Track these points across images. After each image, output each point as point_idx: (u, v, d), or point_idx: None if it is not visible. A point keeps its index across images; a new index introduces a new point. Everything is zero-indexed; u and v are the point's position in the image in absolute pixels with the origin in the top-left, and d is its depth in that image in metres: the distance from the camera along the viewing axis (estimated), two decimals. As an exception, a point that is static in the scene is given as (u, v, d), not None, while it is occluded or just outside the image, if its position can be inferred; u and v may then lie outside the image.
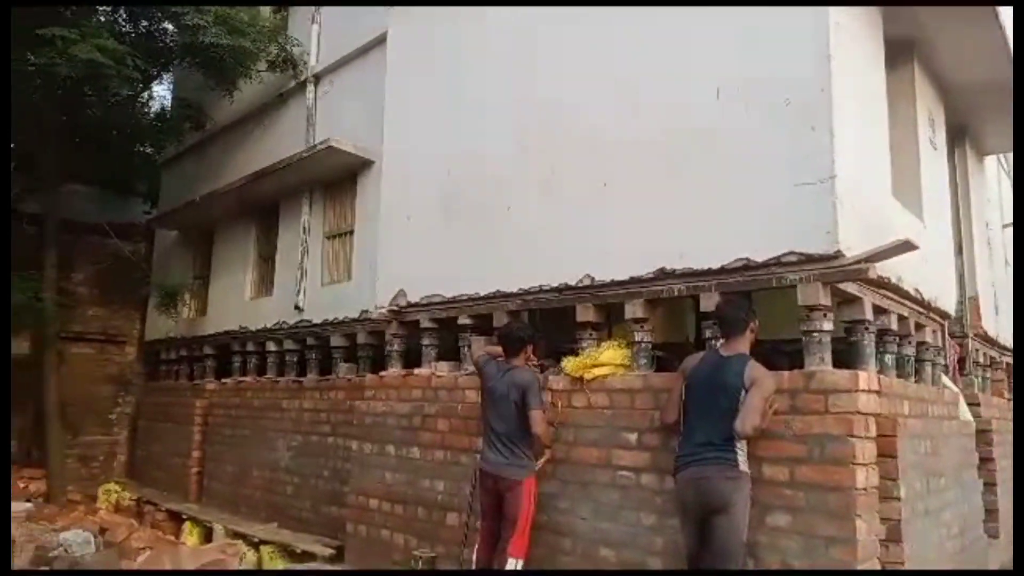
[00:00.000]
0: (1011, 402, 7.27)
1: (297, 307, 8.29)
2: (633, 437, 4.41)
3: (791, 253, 3.92)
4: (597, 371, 4.68)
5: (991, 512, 5.61)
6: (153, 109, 11.38)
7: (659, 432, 4.25)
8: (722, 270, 4.19)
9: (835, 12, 4.03)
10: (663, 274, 4.46)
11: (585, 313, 4.96)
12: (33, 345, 10.36)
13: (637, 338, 4.68)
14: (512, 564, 4.51)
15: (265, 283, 9.31)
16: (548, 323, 7.06)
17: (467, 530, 5.04)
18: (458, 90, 6.20)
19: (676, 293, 4.46)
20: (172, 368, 10.96)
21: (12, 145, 10.00)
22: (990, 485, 5.64)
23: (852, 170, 4.00)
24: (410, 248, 6.57)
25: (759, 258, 4.05)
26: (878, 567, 3.70)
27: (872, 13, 4.71)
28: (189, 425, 9.55)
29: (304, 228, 8.44)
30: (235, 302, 9.57)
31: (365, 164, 7.56)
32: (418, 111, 6.64)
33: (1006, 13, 5.56)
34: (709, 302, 4.26)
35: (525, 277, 5.37)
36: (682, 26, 4.59)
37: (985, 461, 5.64)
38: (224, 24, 7.44)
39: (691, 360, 4.00)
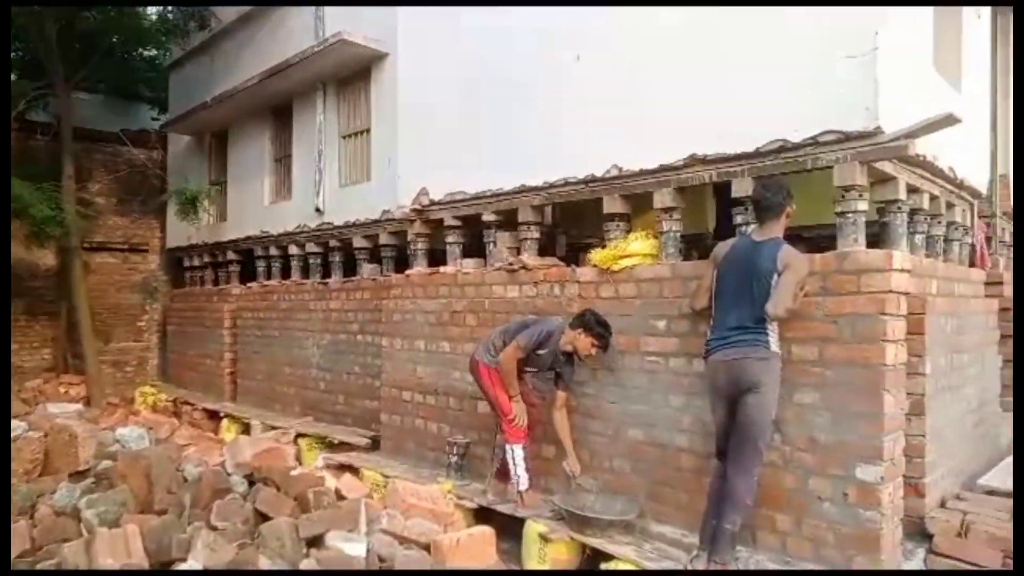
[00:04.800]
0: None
1: (317, 209, 8.29)
2: (662, 324, 4.49)
3: (829, 132, 3.83)
4: (625, 262, 4.71)
5: (1006, 387, 5.72)
6: (153, 10, 10.93)
7: (688, 318, 4.32)
8: (756, 153, 4.11)
9: None
10: (694, 160, 4.39)
11: (612, 204, 4.93)
12: (59, 256, 10.52)
13: (665, 227, 4.67)
14: (509, 451, 4.79)
15: (283, 186, 9.28)
16: (568, 216, 7.05)
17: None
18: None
19: (707, 180, 4.40)
20: (196, 274, 11.14)
21: (17, 53, 9.78)
22: (1008, 361, 5.72)
23: (895, 42, 3.83)
24: (431, 145, 6.49)
25: (795, 138, 3.96)
26: (902, 440, 3.83)
27: None
28: (219, 328, 9.81)
29: (319, 128, 8.30)
30: (255, 207, 9.58)
31: (379, 58, 7.32)
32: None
33: None
34: (741, 187, 4.22)
35: (550, 170, 5.32)
36: None
37: (1005, 338, 5.70)
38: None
39: (723, 247, 3.99)
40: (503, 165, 5.69)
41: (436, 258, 6.71)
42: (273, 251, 9.20)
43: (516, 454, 4.77)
